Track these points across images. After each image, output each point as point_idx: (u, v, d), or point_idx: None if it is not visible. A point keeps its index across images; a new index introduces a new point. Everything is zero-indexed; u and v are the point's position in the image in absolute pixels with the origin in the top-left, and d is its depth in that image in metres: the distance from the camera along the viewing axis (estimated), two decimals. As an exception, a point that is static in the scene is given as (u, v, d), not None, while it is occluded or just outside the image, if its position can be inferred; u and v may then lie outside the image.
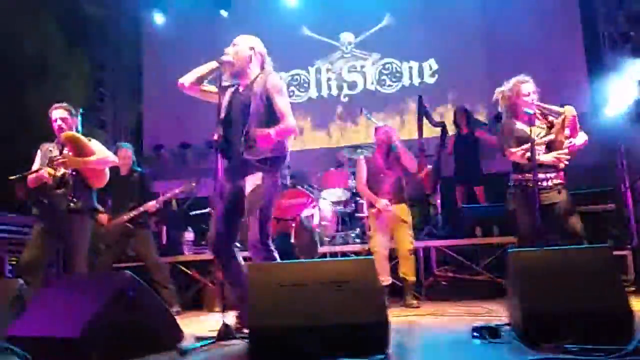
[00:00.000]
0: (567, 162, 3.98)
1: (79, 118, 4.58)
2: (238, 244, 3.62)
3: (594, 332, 2.51)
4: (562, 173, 4.05)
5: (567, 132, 3.95)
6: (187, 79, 3.57)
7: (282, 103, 3.45)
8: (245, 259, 3.64)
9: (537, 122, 4.07)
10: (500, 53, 7.84)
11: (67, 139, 4.30)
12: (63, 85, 7.37)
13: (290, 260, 4.07)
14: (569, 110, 3.95)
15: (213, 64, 3.51)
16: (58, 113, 4.41)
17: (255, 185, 3.41)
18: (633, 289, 5.26)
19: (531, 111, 3.91)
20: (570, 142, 3.92)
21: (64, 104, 4.48)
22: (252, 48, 3.60)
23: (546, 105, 4.04)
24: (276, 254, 3.46)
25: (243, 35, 3.67)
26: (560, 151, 3.96)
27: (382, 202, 5.20)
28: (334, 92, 8.78)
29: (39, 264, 4.26)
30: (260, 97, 3.44)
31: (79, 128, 4.55)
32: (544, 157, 3.95)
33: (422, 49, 8.41)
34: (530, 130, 3.85)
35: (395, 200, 5.25)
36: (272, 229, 3.52)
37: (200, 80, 3.57)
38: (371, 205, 5.35)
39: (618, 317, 2.60)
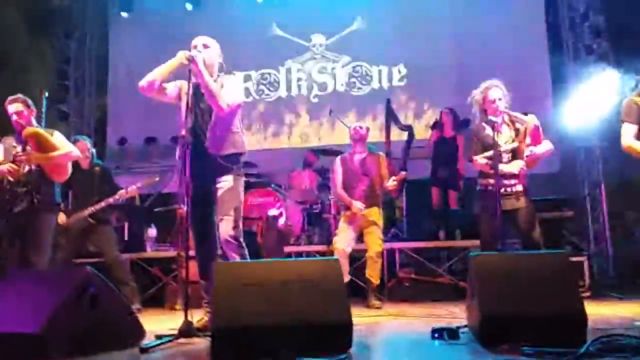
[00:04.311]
0: (525, 169, 4.07)
1: (44, 102, 4.49)
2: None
3: (549, 335, 2.59)
4: (524, 180, 4.14)
5: (528, 140, 4.04)
6: (147, 81, 3.50)
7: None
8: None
9: (506, 129, 4.15)
10: (469, 59, 7.98)
11: (29, 135, 4.24)
12: (26, 76, 7.20)
13: (256, 259, 4.08)
14: (531, 119, 4.05)
15: (182, 59, 3.47)
16: (13, 107, 4.31)
17: (228, 187, 3.55)
18: (588, 294, 5.42)
19: (495, 119, 3.98)
20: (531, 151, 4.00)
21: (19, 97, 4.36)
22: (220, 55, 3.71)
23: (512, 113, 4.11)
24: (246, 251, 3.57)
25: (209, 38, 3.71)
26: (519, 161, 4.05)
27: (357, 205, 5.20)
28: (304, 92, 8.79)
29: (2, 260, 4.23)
30: None
31: (43, 111, 4.45)
32: (506, 168, 4.03)
33: (392, 53, 8.48)
34: (494, 137, 3.93)
35: (369, 203, 5.25)
36: None
37: (164, 80, 3.55)
38: (346, 208, 5.35)
39: (572, 320, 2.69)
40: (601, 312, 4.18)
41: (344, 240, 5.20)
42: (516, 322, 2.68)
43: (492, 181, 4.00)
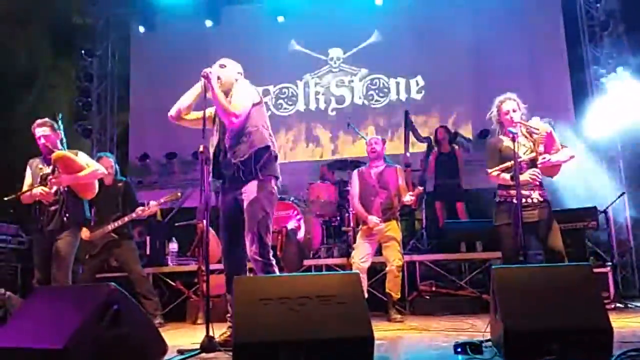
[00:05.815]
0: (539, 178, 4.03)
1: (60, 122, 4.60)
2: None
3: (574, 349, 2.55)
4: (543, 189, 4.10)
5: (541, 148, 4.01)
6: (175, 109, 3.61)
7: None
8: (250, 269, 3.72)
9: (523, 140, 4.12)
10: (486, 70, 7.97)
11: (57, 159, 4.39)
12: (50, 95, 7.35)
13: (276, 274, 4.08)
14: (543, 128, 4.02)
15: (198, 86, 3.55)
16: (40, 131, 4.48)
17: (251, 197, 3.46)
18: (613, 306, 5.33)
19: (514, 130, 3.96)
20: (544, 158, 3.96)
21: (46, 121, 4.52)
22: (240, 73, 3.71)
23: (526, 123, 4.09)
24: (276, 268, 3.53)
25: (229, 59, 3.74)
26: (531, 170, 4.02)
27: (373, 220, 5.18)
28: (322, 106, 8.83)
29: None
30: None
31: (62, 135, 4.57)
32: (522, 177, 3.99)
33: (409, 65, 8.51)
34: (514, 148, 3.91)
35: (386, 217, 5.21)
36: None
37: (189, 107, 3.61)
38: (363, 222, 5.31)
39: (598, 334, 2.65)
40: (627, 324, 4.11)
41: (360, 255, 5.18)
42: (541, 336, 2.64)
43: (512, 192, 3.96)
